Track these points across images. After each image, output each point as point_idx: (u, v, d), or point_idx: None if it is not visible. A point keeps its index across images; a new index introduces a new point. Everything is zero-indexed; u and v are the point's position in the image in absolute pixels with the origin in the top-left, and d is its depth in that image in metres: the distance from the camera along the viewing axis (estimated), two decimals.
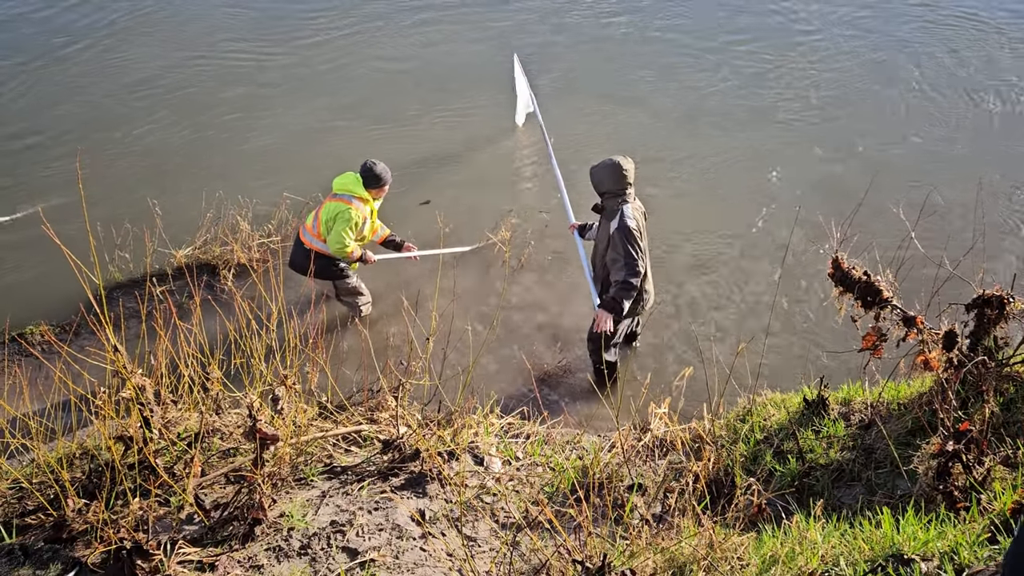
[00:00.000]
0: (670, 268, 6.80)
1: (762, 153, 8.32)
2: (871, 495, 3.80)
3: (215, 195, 7.03)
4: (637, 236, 5.07)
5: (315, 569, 3.27)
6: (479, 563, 3.47)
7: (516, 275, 6.72)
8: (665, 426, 4.57)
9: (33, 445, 3.58)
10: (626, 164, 5.09)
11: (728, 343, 6.04)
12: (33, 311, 6.19)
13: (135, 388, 3.47)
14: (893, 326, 4.22)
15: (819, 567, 2.66)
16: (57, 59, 9.67)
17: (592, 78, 9.47)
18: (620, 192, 5.11)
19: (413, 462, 4.01)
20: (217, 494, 3.66)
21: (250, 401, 3.44)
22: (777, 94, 9.24)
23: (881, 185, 7.37)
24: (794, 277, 6.66)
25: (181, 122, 8.62)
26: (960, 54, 9.94)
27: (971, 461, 3.29)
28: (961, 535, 2.67)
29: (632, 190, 5.16)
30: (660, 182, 7.81)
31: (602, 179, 5.13)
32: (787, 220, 7.09)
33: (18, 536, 3.33)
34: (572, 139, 8.34)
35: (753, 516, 3.41)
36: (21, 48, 9.86)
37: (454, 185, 7.80)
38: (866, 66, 9.75)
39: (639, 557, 3.01)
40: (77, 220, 6.84)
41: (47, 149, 8.16)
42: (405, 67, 9.64)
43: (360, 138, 8.43)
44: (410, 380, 4.36)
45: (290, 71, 9.55)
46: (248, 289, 5.94)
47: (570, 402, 5.62)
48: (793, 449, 4.15)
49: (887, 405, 4.38)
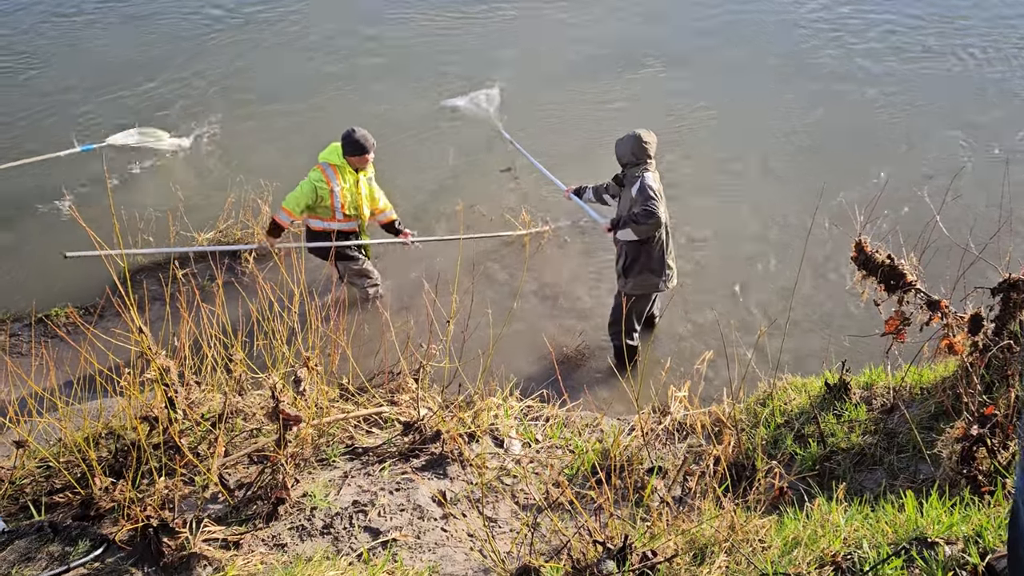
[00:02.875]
0: (691, 250, 6.77)
1: (787, 135, 8.24)
2: (893, 479, 3.78)
3: (236, 179, 7.07)
4: (654, 194, 5.21)
5: (338, 548, 3.30)
6: (500, 544, 3.48)
7: (535, 258, 6.71)
8: (685, 410, 4.57)
9: (60, 425, 3.63)
10: (647, 137, 5.31)
11: (749, 327, 6.01)
12: (58, 294, 6.27)
13: (159, 369, 3.51)
14: (917, 310, 4.18)
15: (842, 549, 2.65)
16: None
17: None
18: (640, 163, 5.31)
19: (434, 443, 4.03)
20: (241, 474, 3.70)
21: (273, 383, 3.47)
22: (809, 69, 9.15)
23: (904, 168, 7.29)
24: (817, 261, 6.61)
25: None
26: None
27: (996, 445, 3.26)
28: (986, 519, 2.65)
29: (653, 163, 5.35)
30: (684, 164, 7.77)
31: (624, 151, 5.35)
32: (810, 204, 7.03)
33: (47, 514, 3.39)
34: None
35: (774, 499, 3.41)
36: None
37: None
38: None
39: (660, 539, 3.01)
40: (99, 204, 6.93)
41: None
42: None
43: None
44: (430, 363, 4.38)
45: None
46: (270, 272, 5.97)
47: (590, 385, 5.62)
48: (814, 433, 4.13)
49: (910, 389, 4.34)
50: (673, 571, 2.83)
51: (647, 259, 5.42)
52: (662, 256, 5.40)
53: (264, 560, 3.16)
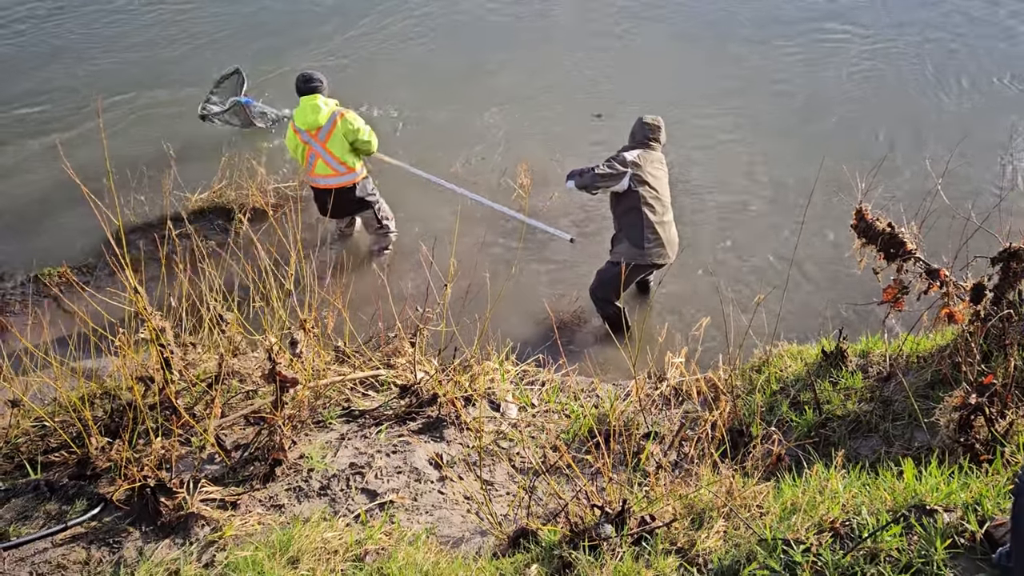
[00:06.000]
0: (691, 219, 6.73)
1: (786, 105, 8.16)
2: (888, 447, 3.79)
3: (231, 140, 6.97)
4: (612, 165, 5.42)
5: (335, 509, 3.30)
6: (496, 506, 3.49)
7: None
8: (681, 375, 4.56)
9: (55, 384, 3.60)
10: (648, 120, 5.68)
11: (746, 294, 5.99)
12: (51, 253, 6.20)
13: (155, 329, 3.48)
14: (916, 279, 4.16)
15: (840, 515, 2.66)
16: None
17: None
18: (640, 144, 5.61)
19: (430, 407, 4.02)
20: (237, 435, 3.69)
21: (269, 344, 3.44)
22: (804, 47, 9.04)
23: (906, 137, 7.23)
24: (816, 229, 6.58)
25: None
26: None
27: (994, 414, 3.27)
28: (985, 487, 2.65)
29: (658, 145, 5.67)
30: (684, 133, 7.70)
31: (632, 132, 5.74)
32: (810, 172, 6.98)
33: (43, 472, 3.38)
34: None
35: (772, 465, 3.41)
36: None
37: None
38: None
39: (658, 503, 3.02)
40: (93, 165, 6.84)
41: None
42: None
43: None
44: (427, 326, 4.35)
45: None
46: (264, 234, 5.90)
47: (586, 351, 5.61)
48: (810, 400, 4.14)
49: (906, 358, 4.34)
50: (671, 535, 2.84)
51: (628, 230, 5.49)
52: (641, 229, 5.39)
53: (261, 520, 3.16)
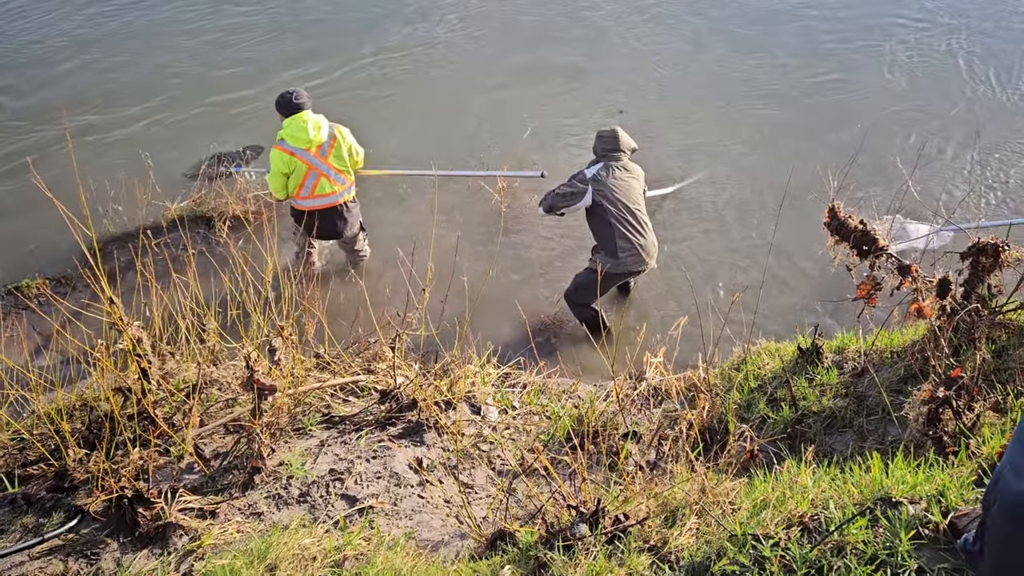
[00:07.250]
0: (667, 218, 6.78)
1: (759, 104, 8.24)
2: (862, 441, 3.85)
3: (208, 147, 6.97)
4: (577, 180, 5.58)
5: (315, 515, 3.32)
6: (476, 509, 3.52)
7: (511, 225, 6.70)
8: (660, 375, 4.61)
9: (32, 397, 3.60)
10: (603, 131, 5.73)
11: (723, 293, 6.06)
12: (26, 265, 6.18)
13: (132, 340, 3.48)
14: (888, 275, 4.23)
15: (809, 510, 2.70)
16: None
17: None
18: (602, 157, 5.68)
19: (411, 411, 4.05)
20: (216, 444, 3.70)
21: (247, 352, 3.45)
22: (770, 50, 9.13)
23: (877, 137, 7.31)
24: (791, 227, 6.64)
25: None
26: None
27: (961, 407, 3.32)
28: (949, 479, 2.71)
29: (623, 154, 5.67)
30: (659, 130, 7.76)
31: (592, 148, 5.81)
32: (784, 171, 7.05)
33: (21, 486, 3.37)
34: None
35: (745, 462, 3.46)
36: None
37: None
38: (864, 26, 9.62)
39: (633, 502, 3.06)
40: (67, 176, 6.81)
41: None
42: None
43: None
44: (407, 331, 4.37)
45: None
46: (244, 243, 5.91)
47: (566, 352, 5.65)
48: (786, 397, 4.19)
49: (880, 353, 4.40)
50: (644, 533, 2.88)
51: (602, 242, 5.58)
52: (613, 240, 5.45)
53: (240, 529, 3.18)
